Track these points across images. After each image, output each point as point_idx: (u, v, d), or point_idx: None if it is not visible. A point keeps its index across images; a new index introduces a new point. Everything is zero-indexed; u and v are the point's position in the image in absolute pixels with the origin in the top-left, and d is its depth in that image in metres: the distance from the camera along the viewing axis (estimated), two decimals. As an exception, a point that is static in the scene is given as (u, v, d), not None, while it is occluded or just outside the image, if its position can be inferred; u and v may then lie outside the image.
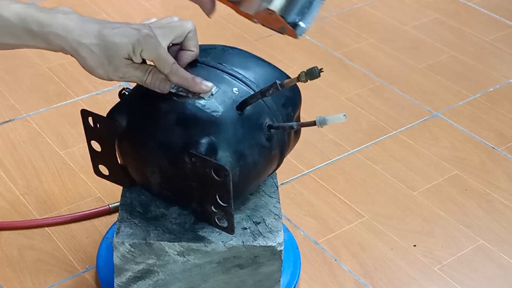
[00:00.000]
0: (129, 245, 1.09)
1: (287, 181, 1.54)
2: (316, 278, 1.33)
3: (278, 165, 1.15)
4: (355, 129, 1.70)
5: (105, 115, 1.09)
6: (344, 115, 0.99)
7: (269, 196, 1.19)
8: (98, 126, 1.09)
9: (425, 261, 1.37)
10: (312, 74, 0.99)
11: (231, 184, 0.99)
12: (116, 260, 1.10)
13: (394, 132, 1.70)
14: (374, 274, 1.34)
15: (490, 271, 1.36)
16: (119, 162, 1.13)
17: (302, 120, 1.17)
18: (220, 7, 1.08)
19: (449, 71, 1.93)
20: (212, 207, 1.04)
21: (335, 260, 1.37)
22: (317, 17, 1.05)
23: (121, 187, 1.18)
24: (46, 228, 1.40)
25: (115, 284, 1.13)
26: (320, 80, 1.02)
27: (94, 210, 1.42)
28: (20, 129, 1.65)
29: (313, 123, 1.02)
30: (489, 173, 1.59)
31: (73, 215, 1.42)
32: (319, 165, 1.59)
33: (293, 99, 1.14)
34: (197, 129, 1.03)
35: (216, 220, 1.06)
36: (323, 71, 0.99)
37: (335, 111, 1.74)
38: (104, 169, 1.16)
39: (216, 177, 1.00)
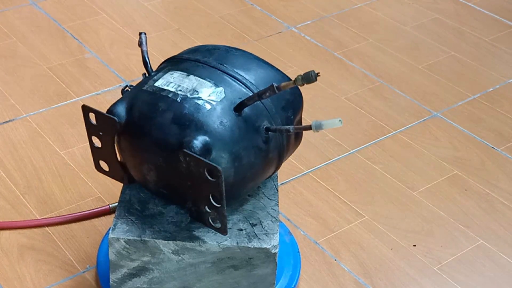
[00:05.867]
0: (124, 241, 1.09)
1: (287, 181, 1.54)
2: (316, 278, 1.33)
3: (277, 168, 1.15)
4: (355, 129, 1.70)
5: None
6: (340, 120, 0.99)
7: (268, 199, 1.19)
8: (98, 122, 1.10)
9: (425, 261, 1.37)
10: (309, 78, 0.99)
11: (224, 185, 0.99)
12: (112, 256, 1.11)
13: (394, 132, 1.70)
14: (374, 274, 1.34)
15: (490, 271, 1.36)
16: (119, 158, 1.13)
17: (304, 123, 1.17)
18: (220, 7, 1.08)
19: (449, 71, 1.93)
20: (206, 207, 1.05)
21: (335, 260, 1.37)
22: (317, 17, 1.05)
23: (121, 187, 1.19)
24: (46, 228, 1.40)
25: (110, 280, 1.13)
26: (320, 80, 1.02)
27: (94, 210, 1.42)
28: (20, 129, 1.65)
29: (309, 127, 1.03)
30: (489, 173, 1.59)
31: (73, 215, 1.42)
32: (319, 165, 1.59)
33: (293, 103, 1.14)
34: (193, 129, 1.03)
35: (210, 221, 1.06)
36: (319, 75, 1.00)
37: (335, 111, 1.74)
38: (104, 165, 1.16)
39: (209, 177, 1.00)
